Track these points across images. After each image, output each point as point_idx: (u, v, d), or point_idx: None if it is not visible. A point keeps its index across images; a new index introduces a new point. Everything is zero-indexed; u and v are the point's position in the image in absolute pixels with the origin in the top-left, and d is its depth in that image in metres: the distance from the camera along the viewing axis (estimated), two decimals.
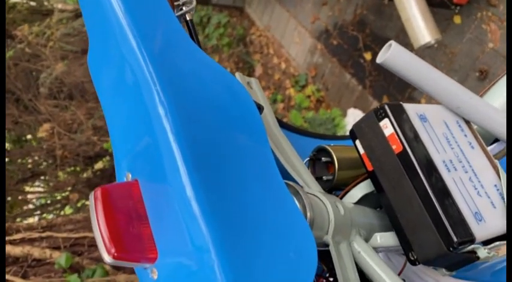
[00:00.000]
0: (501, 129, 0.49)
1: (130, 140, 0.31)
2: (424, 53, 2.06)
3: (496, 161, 0.48)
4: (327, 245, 0.39)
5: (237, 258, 0.25)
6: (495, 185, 0.46)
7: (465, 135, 0.48)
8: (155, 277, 0.29)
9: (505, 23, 1.74)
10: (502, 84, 0.56)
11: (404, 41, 1.90)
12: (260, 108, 0.40)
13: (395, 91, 2.19)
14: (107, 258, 0.27)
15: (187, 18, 0.41)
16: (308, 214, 0.36)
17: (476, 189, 0.44)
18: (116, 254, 0.26)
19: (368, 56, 2.36)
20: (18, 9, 3.73)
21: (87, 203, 3.55)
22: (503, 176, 0.46)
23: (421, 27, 1.51)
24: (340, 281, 0.39)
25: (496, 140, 0.58)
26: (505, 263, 0.64)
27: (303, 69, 2.88)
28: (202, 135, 0.28)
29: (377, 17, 2.29)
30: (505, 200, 0.44)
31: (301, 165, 0.44)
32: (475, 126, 0.51)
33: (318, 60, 2.75)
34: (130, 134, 0.31)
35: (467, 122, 0.50)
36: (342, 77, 2.55)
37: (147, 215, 0.29)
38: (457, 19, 1.90)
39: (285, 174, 0.42)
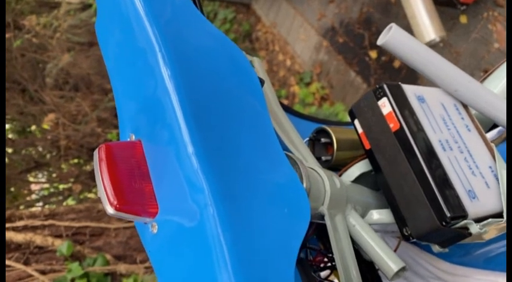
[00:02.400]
0: (498, 114, 0.49)
1: (135, 102, 0.32)
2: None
3: (492, 144, 0.49)
4: (323, 217, 0.40)
5: (234, 212, 0.26)
6: (490, 167, 0.47)
7: (462, 118, 0.49)
8: (155, 231, 0.30)
9: None
10: (501, 70, 0.57)
11: None
12: (261, 81, 0.41)
13: None
14: (110, 209, 0.28)
15: None
16: (304, 183, 0.37)
17: (470, 169, 0.45)
18: (118, 206, 0.28)
19: (373, 54, 2.37)
20: (27, 1, 3.75)
21: (89, 195, 3.57)
22: (499, 158, 0.47)
23: (426, 25, 1.52)
24: (335, 252, 0.40)
25: (495, 126, 0.59)
26: (498, 251, 0.65)
27: (308, 66, 2.89)
28: (203, 96, 0.29)
29: (383, 15, 2.29)
30: (500, 180, 0.45)
31: (299, 140, 0.45)
32: (473, 111, 0.52)
33: (323, 58, 2.76)
34: (134, 97, 0.32)
35: (465, 106, 0.51)
36: (347, 74, 2.56)
37: (149, 173, 0.30)
38: (463, 19, 1.90)
39: (285, 149, 0.43)
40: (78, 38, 3.10)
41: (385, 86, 0.45)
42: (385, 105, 0.44)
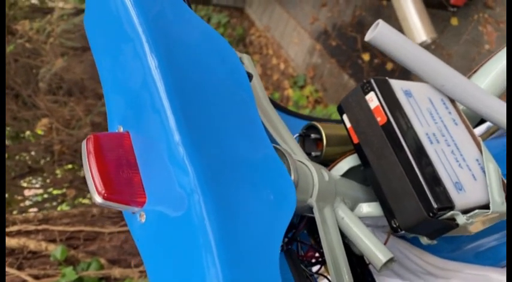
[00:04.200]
0: (485, 109, 0.50)
1: (123, 93, 0.32)
2: None
3: (478, 137, 0.50)
4: (312, 209, 0.41)
5: (220, 198, 0.27)
6: (477, 160, 0.47)
7: (449, 113, 0.50)
8: (143, 220, 0.30)
9: (501, 25, 1.76)
10: (488, 66, 0.58)
11: None
12: (249, 75, 0.41)
13: None
14: (98, 198, 0.28)
15: None
16: (292, 176, 0.38)
17: (457, 161, 0.45)
18: (105, 195, 0.28)
19: (366, 57, 2.39)
20: (20, 6, 3.75)
21: (84, 200, 3.56)
22: (485, 151, 0.48)
23: (417, 26, 1.53)
24: (324, 243, 0.40)
25: (482, 121, 0.60)
26: (488, 245, 0.66)
27: (302, 69, 2.90)
28: (189, 86, 0.29)
29: (375, 19, 2.30)
30: (486, 173, 0.46)
31: (288, 134, 0.46)
32: (461, 107, 0.53)
33: (316, 61, 2.77)
34: (122, 88, 0.33)
35: (453, 101, 0.52)
36: (340, 77, 2.57)
37: (137, 163, 0.31)
38: (454, 21, 1.92)
39: (274, 142, 0.43)
40: (71, 43, 3.10)
41: (372, 81, 0.45)
42: (373, 100, 0.45)
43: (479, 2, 1.81)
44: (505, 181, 0.47)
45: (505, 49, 0.57)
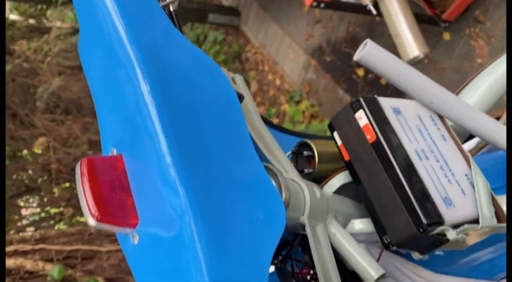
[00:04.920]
0: (472, 124, 0.51)
1: (116, 117, 0.33)
2: (415, 68, 2.10)
3: (468, 153, 0.51)
4: (304, 227, 0.41)
5: (210, 220, 0.27)
6: (466, 174, 0.48)
7: (438, 129, 0.51)
8: (136, 242, 0.31)
9: (492, 39, 1.79)
10: (476, 82, 0.59)
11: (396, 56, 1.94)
12: (240, 97, 0.42)
13: None
14: (91, 221, 0.29)
15: (171, 9, 0.44)
16: (283, 194, 0.38)
17: (446, 177, 0.46)
18: (99, 217, 0.28)
19: (360, 72, 2.41)
20: (17, 27, 3.79)
21: (81, 219, 3.54)
22: (474, 166, 0.49)
23: (410, 42, 1.56)
24: (316, 260, 0.40)
25: (471, 137, 0.61)
26: (482, 259, 0.66)
27: (297, 85, 2.92)
28: (180, 109, 0.30)
29: (369, 34, 2.34)
30: (475, 188, 0.47)
31: (281, 153, 0.46)
32: (449, 123, 0.54)
33: (311, 77, 2.80)
34: (115, 112, 0.33)
35: (441, 117, 0.53)
36: (336, 92, 2.59)
37: (129, 186, 0.31)
38: (446, 35, 1.95)
39: (266, 161, 0.44)
40: (68, 62, 3.12)
41: (361, 99, 0.47)
42: (362, 118, 0.46)
43: (470, 17, 1.84)
44: (494, 195, 0.48)
45: (492, 64, 0.59)
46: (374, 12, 1.55)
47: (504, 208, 0.48)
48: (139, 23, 0.32)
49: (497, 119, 0.55)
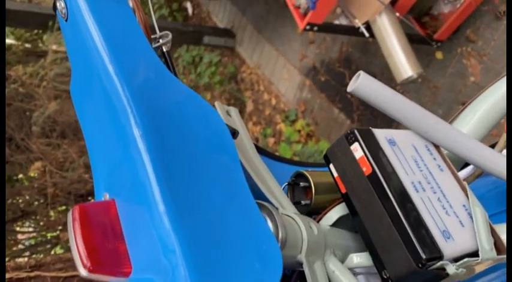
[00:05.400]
0: (467, 152, 0.51)
1: (108, 162, 0.33)
2: (409, 87, 2.12)
3: (464, 182, 0.50)
4: (301, 264, 0.41)
5: (205, 272, 0.27)
6: (464, 205, 0.48)
7: (434, 159, 0.51)
8: None
9: (484, 58, 1.81)
10: (472, 108, 0.59)
11: (389, 76, 1.96)
12: (235, 133, 0.42)
13: (383, 124, 2.24)
14: (83, 271, 0.28)
15: (164, 50, 0.44)
16: (280, 233, 0.38)
17: (444, 208, 0.46)
18: (91, 268, 0.28)
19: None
20: (13, 51, 3.80)
21: None
22: (472, 196, 0.48)
23: (403, 62, 1.57)
24: None
25: (467, 164, 0.61)
26: (484, 279, 0.65)
27: (293, 104, 2.94)
28: (173, 155, 0.30)
29: (362, 54, 2.36)
30: (473, 218, 0.46)
31: (277, 188, 0.46)
32: (445, 151, 0.53)
33: (306, 96, 2.81)
34: (108, 157, 0.33)
35: (437, 147, 0.53)
36: (331, 111, 2.60)
37: (122, 232, 0.31)
38: (439, 55, 1.97)
39: (262, 196, 0.44)
40: (64, 86, 3.13)
41: (356, 131, 0.46)
42: (357, 150, 0.46)
43: (462, 36, 1.86)
44: (493, 225, 0.48)
45: (489, 89, 0.59)
46: (367, 34, 1.57)
47: (503, 238, 0.48)
48: (131, 67, 0.32)
49: (493, 146, 0.55)
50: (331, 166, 0.49)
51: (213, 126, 0.35)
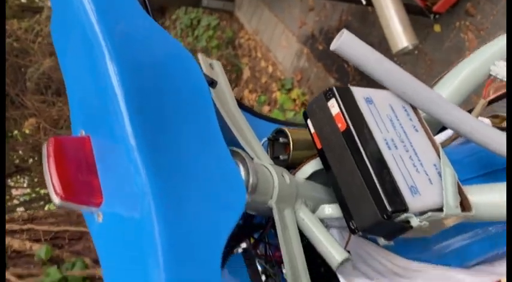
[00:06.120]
0: (445, 115, 0.52)
1: (84, 99, 0.34)
2: (405, 59, 2.11)
3: (438, 144, 0.52)
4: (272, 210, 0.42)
5: (170, 201, 0.28)
6: (434, 164, 0.49)
7: (410, 119, 0.52)
8: (100, 220, 0.32)
9: (481, 33, 1.80)
10: (450, 76, 0.60)
11: (387, 47, 1.95)
12: (213, 82, 0.43)
13: None
14: (55, 199, 0.30)
15: None
16: (251, 178, 0.39)
17: (415, 166, 0.47)
18: (63, 196, 0.29)
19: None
20: (9, 5, 3.73)
21: None
22: (443, 156, 0.50)
23: (399, 33, 1.56)
24: (281, 243, 0.42)
25: (444, 129, 0.62)
26: (453, 246, 0.68)
27: (289, 73, 2.92)
28: (146, 92, 0.31)
29: (361, 24, 2.34)
30: (442, 177, 0.48)
31: (254, 140, 0.47)
32: (423, 114, 0.55)
33: (304, 65, 2.80)
34: (84, 94, 0.34)
35: (415, 109, 0.54)
36: (327, 81, 2.60)
37: (95, 166, 0.32)
38: (437, 27, 1.96)
39: (239, 147, 0.45)
40: None
41: (334, 88, 0.47)
42: (334, 106, 0.47)
43: (461, 10, 1.84)
44: (461, 185, 0.49)
45: (467, 59, 0.60)
46: (364, 2, 1.55)
47: (471, 198, 0.50)
48: (106, 3, 0.33)
49: (470, 111, 0.56)
50: (309, 122, 0.50)
51: (188, 70, 0.36)
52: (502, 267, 0.73)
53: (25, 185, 4.00)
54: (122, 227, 0.30)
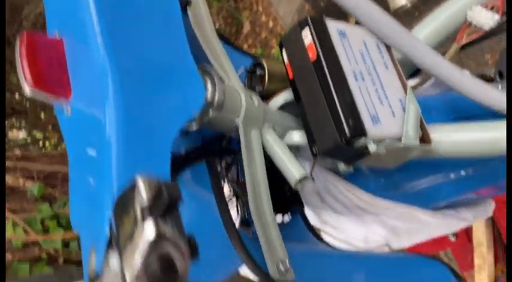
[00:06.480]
0: (418, 56, 0.54)
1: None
2: (405, 21, 2.09)
3: (406, 81, 0.54)
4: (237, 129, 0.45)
5: (130, 82, 0.31)
6: (400, 100, 0.52)
7: (382, 57, 0.54)
8: (68, 113, 0.34)
9: None
10: (429, 19, 0.61)
11: (386, 5, 1.93)
12: (188, 1, 0.44)
13: None
14: (26, 87, 0.32)
15: None
16: (217, 95, 0.41)
17: (380, 99, 0.49)
18: (33, 84, 0.31)
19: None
20: None
21: None
22: (410, 93, 0.52)
23: None
24: (244, 163, 0.44)
25: (417, 72, 0.64)
26: (419, 187, 0.71)
27: None
28: None
29: None
30: (406, 112, 0.50)
31: (227, 62, 0.49)
32: (397, 55, 0.56)
33: None
34: None
35: (389, 48, 0.55)
36: None
37: (66, 66, 0.34)
38: None
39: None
40: None
41: (308, 18, 0.49)
42: (307, 36, 0.49)
43: None
44: (424, 121, 0.52)
45: (447, 3, 0.61)
46: None
47: (434, 135, 0.52)
48: None
49: (444, 54, 0.58)
50: (283, 52, 0.52)
51: None
52: (466, 213, 0.77)
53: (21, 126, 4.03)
54: (87, 120, 0.32)
